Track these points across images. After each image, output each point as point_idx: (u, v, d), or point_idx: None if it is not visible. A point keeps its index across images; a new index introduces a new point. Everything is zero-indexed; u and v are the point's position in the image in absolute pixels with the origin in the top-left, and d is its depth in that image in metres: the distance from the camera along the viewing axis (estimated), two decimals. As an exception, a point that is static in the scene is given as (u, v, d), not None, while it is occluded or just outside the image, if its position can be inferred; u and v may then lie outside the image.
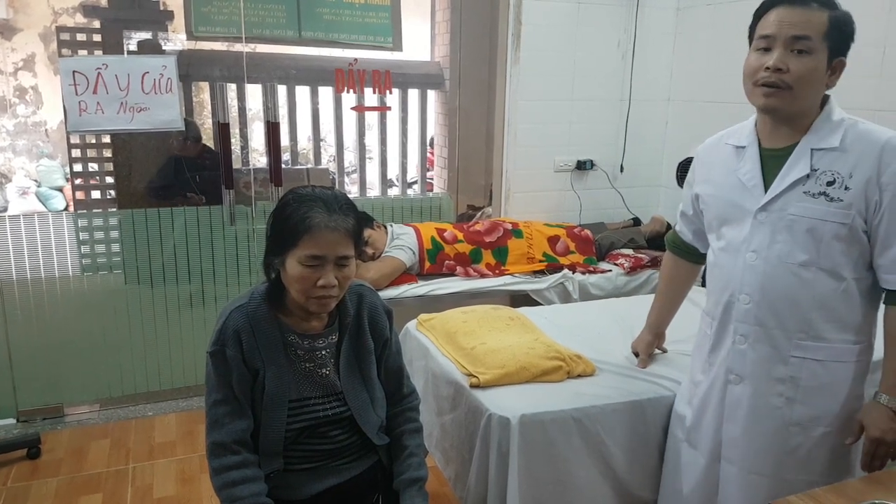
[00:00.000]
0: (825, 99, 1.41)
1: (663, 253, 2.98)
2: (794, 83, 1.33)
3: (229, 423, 1.32)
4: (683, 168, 2.79)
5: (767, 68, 1.35)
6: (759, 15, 1.43)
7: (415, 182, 4.56)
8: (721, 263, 1.52)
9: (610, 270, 2.93)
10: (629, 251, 3.08)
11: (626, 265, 2.93)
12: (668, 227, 3.38)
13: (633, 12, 3.29)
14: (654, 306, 1.93)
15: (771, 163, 1.43)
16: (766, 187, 1.42)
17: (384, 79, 3.02)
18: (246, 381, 1.33)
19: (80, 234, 2.83)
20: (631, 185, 3.50)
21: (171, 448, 2.61)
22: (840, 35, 1.34)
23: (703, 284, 2.69)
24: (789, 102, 1.36)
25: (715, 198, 1.54)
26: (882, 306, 1.41)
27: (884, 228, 1.34)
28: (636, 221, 3.46)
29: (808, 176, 1.37)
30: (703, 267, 1.76)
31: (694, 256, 1.77)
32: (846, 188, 1.34)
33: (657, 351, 1.97)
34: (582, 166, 3.38)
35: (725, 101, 3.12)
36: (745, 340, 1.46)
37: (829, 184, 1.35)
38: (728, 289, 1.48)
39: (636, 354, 1.96)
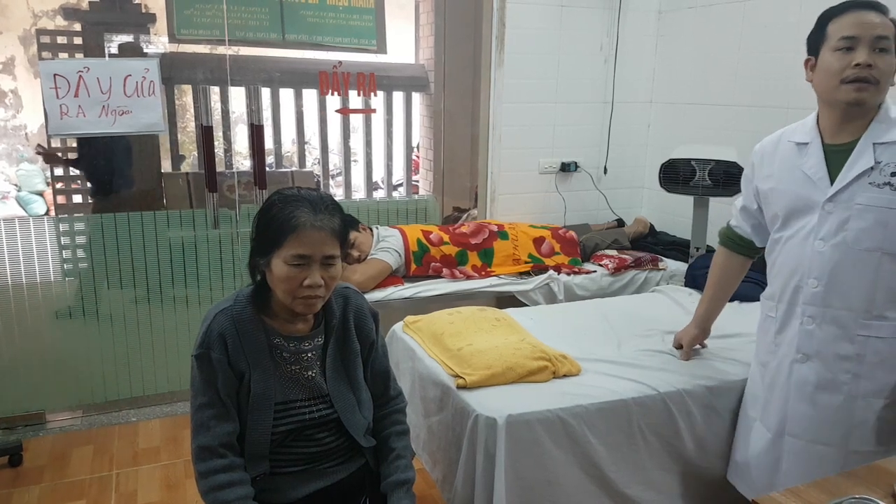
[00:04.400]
0: (883, 99, 1.54)
1: (646, 254, 3.05)
2: (880, 77, 1.47)
3: (215, 426, 1.31)
4: (666, 170, 2.82)
5: (858, 64, 1.46)
6: (827, 19, 1.53)
7: (400, 184, 4.57)
8: (788, 251, 1.63)
9: (594, 271, 2.95)
10: (613, 252, 3.10)
11: (610, 266, 2.95)
12: (652, 227, 3.41)
13: (616, 16, 3.32)
14: (704, 300, 1.99)
15: (834, 157, 1.55)
16: (832, 180, 1.54)
17: (368, 81, 3.02)
18: (231, 385, 1.32)
19: (62, 238, 2.79)
20: (614, 187, 3.53)
21: (155, 454, 2.58)
22: None
23: (694, 286, 2.72)
24: (875, 95, 1.49)
25: (780, 192, 1.64)
26: None
27: None
28: (620, 223, 3.49)
29: (872, 168, 1.49)
30: (752, 261, 1.89)
31: (748, 250, 1.87)
32: None
33: (697, 346, 2.01)
34: (566, 168, 3.40)
35: (706, 103, 3.16)
36: (812, 321, 1.58)
37: (893, 174, 1.47)
38: (796, 274, 1.60)
39: (679, 347, 1.99)
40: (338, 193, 4.72)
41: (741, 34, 2.95)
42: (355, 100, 3.15)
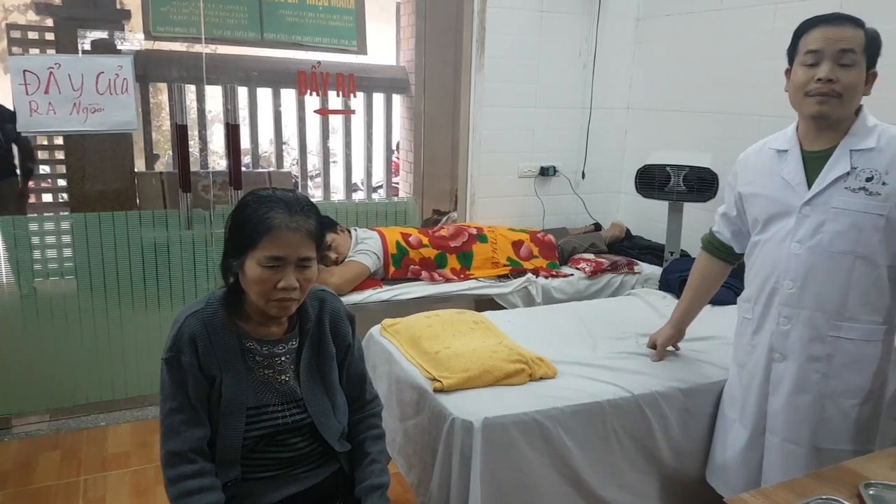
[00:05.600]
0: (860, 108, 1.58)
1: (622, 258, 3.07)
2: (843, 91, 1.51)
3: (185, 431, 1.29)
4: (642, 175, 2.84)
5: (819, 79, 1.51)
6: (800, 34, 1.58)
7: (380, 186, 4.55)
8: (765, 254, 1.68)
9: (572, 275, 2.97)
10: (590, 256, 3.12)
11: (587, 269, 2.97)
12: (628, 232, 3.44)
13: (594, 22, 3.35)
14: (682, 302, 2.02)
15: (812, 163, 1.60)
16: (809, 185, 1.59)
17: (348, 82, 3.00)
18: (202, 389, 1.30)
19: (31, 238, 2.73)
20: (592, 192, 3.55)
21: (125, 459, 2.52)
22: (874, 49, 1.53)
23: (668, 289, 2.75)
24: (838, 109, 1.53)
25: (760, 196, 1.69)
26: None
27: None
28: (597, 227, 3.52)
29: (848, 173, 1.54)
30: (732, 268, 1.93)
31: (728, 256, 1.90)
32: (883, 183, 1.51)
33: (671, 347, 2.03)
34: (545, 172, 3.42)
35: (682, 109, 3.20)
36: (787, 322, 1.63)
37: (868, 180, 1.52)
38: (773, 275, 1.65)
39: (653, 347, 2.01)
40: (316, 195, 4.68)
41: (716, 42, 3.00)
42: (335, 100, 3.13)
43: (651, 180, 2.82)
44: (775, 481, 1.60)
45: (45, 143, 3.05)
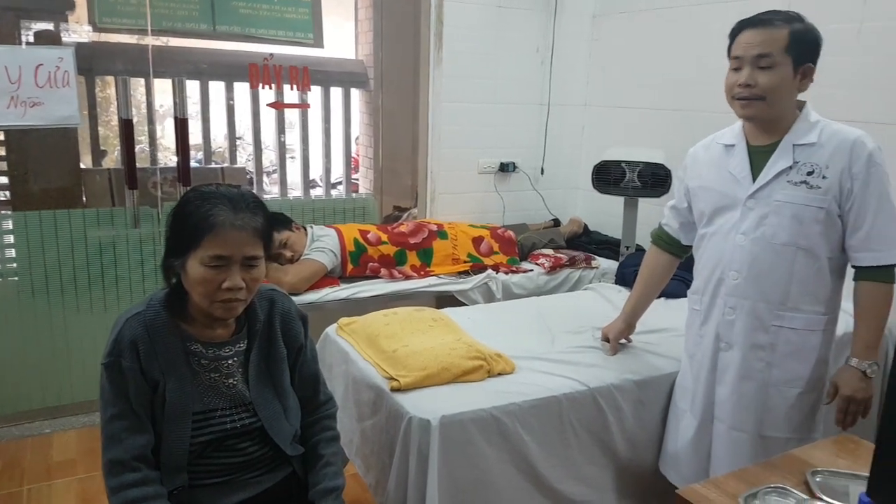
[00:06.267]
0: (804, 104, 1.62)
1: (581, 253, 3.10)
2: (764, 94, 1.54)
3: (127, 438, 1.24)
4: (599, 171, 2.87)
5: (740, 85, 1.56)
6: (731, 37, 1.61)
7: (339, 182, 4.49)
8: (712, 246, 1.72)
9: (531, 270, 2.98)
10: (549, 251, 3.14)
11: (546, 265, 2.99)
12: (586, 227, 3.48)
13: (551, 18, 3.36)
14: (632, 296, 2.04)
15: (757, 158, 1.64)
16: (754, 179, 1.62)
17: (302, 75, 2.94)
18: (144, 394, 1.25)
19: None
20: (551, 188, 3.57)
21: (70, 467, 2.43)
22: (801, 46, 1.54)
23: (624, 283, 2.78)
24: (764, 110, 1.57)
25: (707, 190, 1.73)
26: (852, 283, 1.62)
27: (854, 212, 1.55)
28: (556, 222, 3.54)
29: (790, 167, 1.58)
30: (680, 261, 1.97)
31: (676, 249, 1.94)
32: (823, 177, 1.55)
33: (623, 341, 2.05)
34: (505, 168, 3.42)
35: (637, 106, 3.24)
36: (733, 312, 1.67)
37: (809, 173, 1.56)
38: (719, 267, 1.69)
39: (606, 340, 2.02)
40: (273, 191, 4.59)
41: (670, 39, 3.04)
42: (290, 94, 3.07)
43: (607, 176, 2.85)
44: (723, 468, 1.65)
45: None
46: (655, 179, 2.75)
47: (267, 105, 3.08)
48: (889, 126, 2.20)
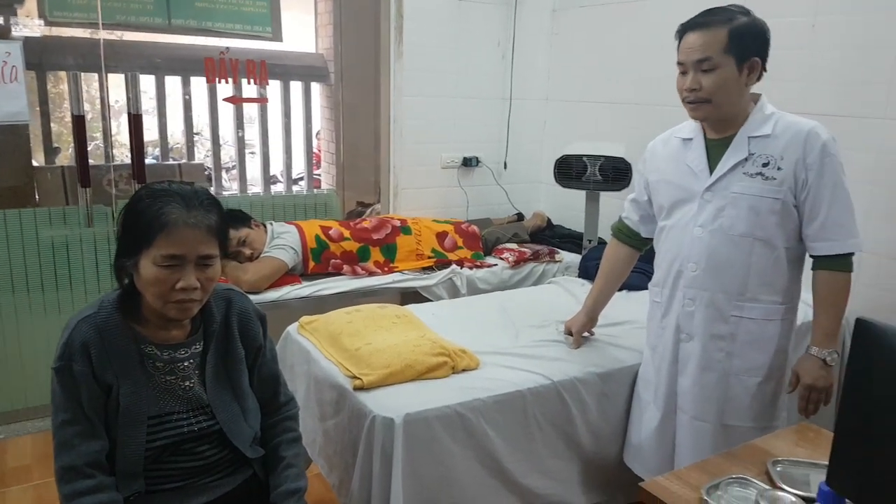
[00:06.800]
0: (759, 96, 1.65)
1: (544, 247, 3.12)
2: (710, 96, 1.58)
3: (80, 444, 1.20)
4: (560, 165, 2.89)
5: (686, 89, 1.61)
6: (677, 41, 1.65)
7: (301, 178, 4.42)
8: (671, 239, 1.75)
9: (496, 265, 2.99)
10: (513, 245, 3.16)
11: (510, 259, 3.00)
12: (549, 221, 3.51)
13: (512, 12, 3.37)
14: (593, 290, 2.05)
15: (714, 151, 1.67)
16: (711, 171, 1.65)
17: (259, 69, 2.88)
18: (97, 399, 1.21)
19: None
20: (514, 182, 3.59)
21: (25, 473, 2.35)
22: (743, 42, 1.55)
23: (587, 277, 2.81)
24: (712, 111, 1.61)
25: (666, 183, 1.76)
26: (810, 273, 1.65)
27: (810, 202, 1.58)
28: (520, 217, 3.56)
29: (746, 159, 1.61)
30: (640, 254, 1.99)
31: (636, 241, 1.96)
32: (778, 168, 1.58)
33: (586, 334, 2.06)
34: (468, 163, 3.42)
35: (598, 100, 3.27)
36: (692, 303, 1.70)
37: (765, 165, 1.59)
38: (678, 259, 1.72)
39: (569, 334, 2.04)
40: (232, 188, 4.51)
41: (629, 34, 3.08)
42: (248, 89, 3.01)
43: (569, 170, 2.88)
44: (687, 459, 1.68)
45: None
46: (616, 173, 2.78)
47: (224, 99, 3.01)
48: (843, 118, 2.25)
